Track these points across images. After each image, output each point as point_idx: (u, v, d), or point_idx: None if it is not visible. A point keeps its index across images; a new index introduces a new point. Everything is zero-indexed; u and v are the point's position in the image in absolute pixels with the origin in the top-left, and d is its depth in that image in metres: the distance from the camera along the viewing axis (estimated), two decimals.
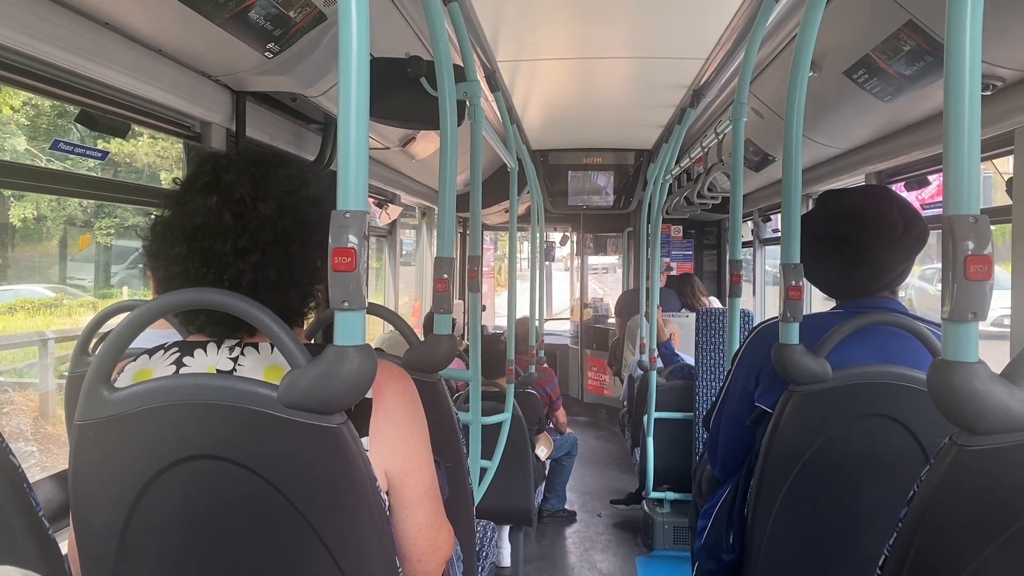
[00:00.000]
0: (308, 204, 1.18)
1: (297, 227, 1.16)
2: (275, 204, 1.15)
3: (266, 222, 1.14)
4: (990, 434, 0.88)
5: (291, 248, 1.15)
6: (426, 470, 1.22)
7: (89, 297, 9.43)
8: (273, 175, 1.18)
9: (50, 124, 7.66)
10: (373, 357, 1.00)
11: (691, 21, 3.01)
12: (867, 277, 1.69)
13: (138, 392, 1.04)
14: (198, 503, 1.06)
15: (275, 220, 1.14)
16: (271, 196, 1.15)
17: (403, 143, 3.83)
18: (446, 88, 1.97)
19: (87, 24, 1.79)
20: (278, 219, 1.14)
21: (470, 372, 2.59)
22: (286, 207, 1.16)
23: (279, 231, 1.14)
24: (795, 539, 1.62)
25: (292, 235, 1.15)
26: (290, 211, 1.16)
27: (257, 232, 1.13)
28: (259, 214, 1.14)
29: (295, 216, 1.16)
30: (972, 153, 0.88)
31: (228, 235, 1.12)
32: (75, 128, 1.95)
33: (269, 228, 1.14)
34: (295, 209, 1.16)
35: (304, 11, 2.11)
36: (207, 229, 1.13)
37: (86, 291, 9.70)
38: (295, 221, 1.16)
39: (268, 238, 1.13)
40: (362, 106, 0.98)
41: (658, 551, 4.19)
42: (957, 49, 0.88)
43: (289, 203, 1.16)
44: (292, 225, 1.15)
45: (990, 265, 0.86)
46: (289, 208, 1.16)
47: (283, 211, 1.15)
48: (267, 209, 1.14)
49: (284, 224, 1.15)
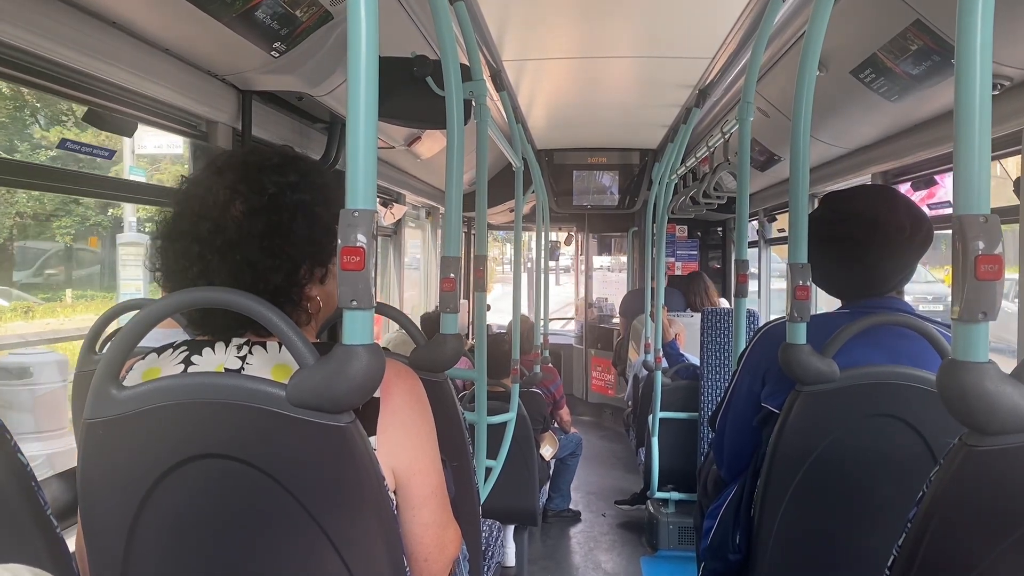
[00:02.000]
0: (290, 209, 1.17)
1: (272, 229, 1.14)
2: (248, 206, 1.14)
3: (237, 224, 1.14)
4: (1000, 434, 0.88)
5: (260, 250, 1.14)
6: (433, 469, 1.22)
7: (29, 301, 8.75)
8: (265, 178, 1.17)
9: (7, 117, 7.23)
10: (381, 356, 1.00)
11: (697, 21, 3.01)
12: (876, 279, 1.69)
13: (147, 390, 1.04)
14: (206, 501, 1.06)
15: (248, 222, 1.14)
16: (249, 198, 1.15)
17: (408, 142, 3.84)
18: (453, 87, 1.97)
19: (94, 23, 1.80)
20: (251, 221, 1.14)
21: (475, 372, 2.59)
22: (258, 210, 1.14)
23: (251, 233, 1.13)
24: (802, 539, 1.61)
25: (263, 237, 1.14)
26: (264, 215, 1.14)
27: (229, 232, 1.13)
28: (231, 215, 1.14)
29: (271, 219, 1.15)
30: (983, 153, 0.88)
31: (203, 235, 1.13)
32: (37, 121, 1.95)
33: (238, 229, 1.13)
34: (274, 213, 1.15)
35: (310, 10, 2.11)
36: (182, 230, 1.15)
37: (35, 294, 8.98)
38: (269, 224, 1.14)
39: (237, 239, 1.13)
40: (370, 106, 0.98)
41: (663, 551, 4.18)
42: (968, 49, 0.87)
43: (269, 206, 1.15)
44: (267, 227, 1.14)
45: (1000, 265, 0.86)
46: (263, 211, 1.15)
47: (255, 214, 1.14)
48: (237, 211, 1.14)
49: (258, 226, 1.14)
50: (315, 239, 1.17)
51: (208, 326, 1.16)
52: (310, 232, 1.17)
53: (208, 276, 1.13)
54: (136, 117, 2.14)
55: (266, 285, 1.13)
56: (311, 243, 1.17)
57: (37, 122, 1.94)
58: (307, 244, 1.17)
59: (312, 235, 1.17)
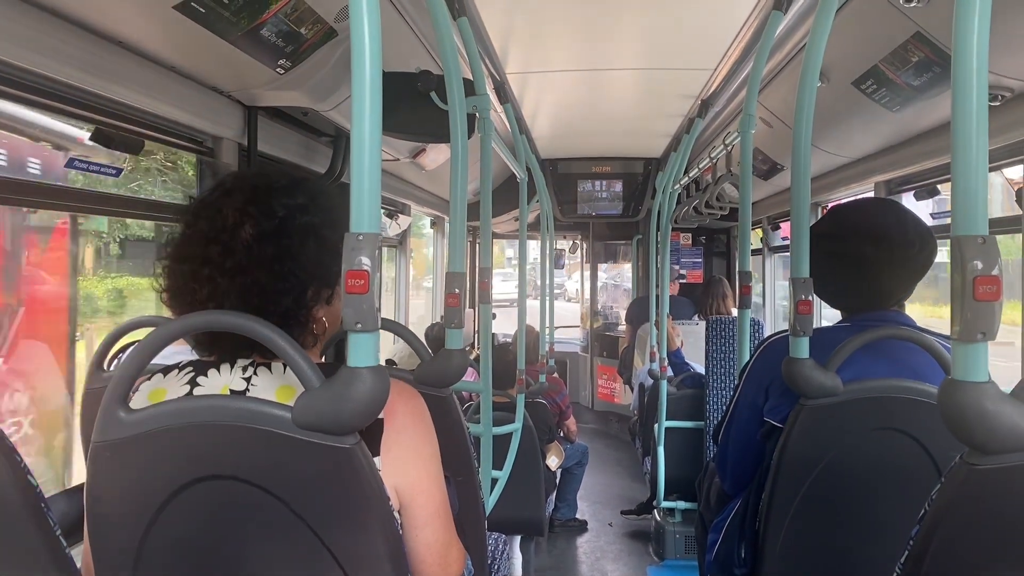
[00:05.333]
0: (300, 233, 1.18)
1: (282, 253, 1.15)
2: (259, 230, 1.16)
3: (246, 247, 1.15)
4: (1001, 453, 0.88)
5: (270, 273, 1.15)
6: (436, 489, 1.23)
7: None
8: (275, 200, 1.18)
9: None
10: (386, 378, 1.01)
11: (699, 33, 3.02)
12: (881, 294, 1.69)
13: (154, 413, 1.05)
14: (213, 523, 1.07)
15: (258, 245, 1.15)
16: (259, 221, 1.16)
17: (413, 155, 3.85)
18: (456, 102, 1.98)
19: (101, 44, 1.82)
20: (261, 244, 1.15)
21: (481, 383, 2.60)
22: (269, 234, 1.16)
23: (261, 256, 1.15)
24: (807, 552, 1.61)
25: (273, 260, 1.15)
26: (275, 238, 1.16)
27: (238, 255, 1.14)
28: (241, 238, 1.15)
29: (281, 242, 1.16)
30: (980, 173, 0.88)
31: (212, 257, 1.14)
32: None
33: (248, 252, 1.14)
34: (284, 236, 1.16)
35: (315, 28, 2.13)
36: (192, 253, 1.16)
37: None
38: (279, 248, 1.15)
39: (247, 263, 1.14)
40: (375, 127, 0.98)
41: (669, 560, 4.18)
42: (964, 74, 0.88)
43: (279, 229, 1.16)
44: (277, 251, 1.15)
45: (999, 286, 0.86)
46: (273, 235, 1.16)
47: (265, 238, 1.15)
48: (247, 234, 1.15)
49: (268, 249, 1.15)
50: (323, 261, 1.18)
51: (216, 347, 1.17)
52: (318, 255, 1.18)
53: (216, 298, 1.14)
54: (143, 135, 2.15)
55: (275, 308, 1.14)
56: (319, 265, 1.18)
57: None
58: (315, 267, 1.18)
59: (320, 258, 1.18)
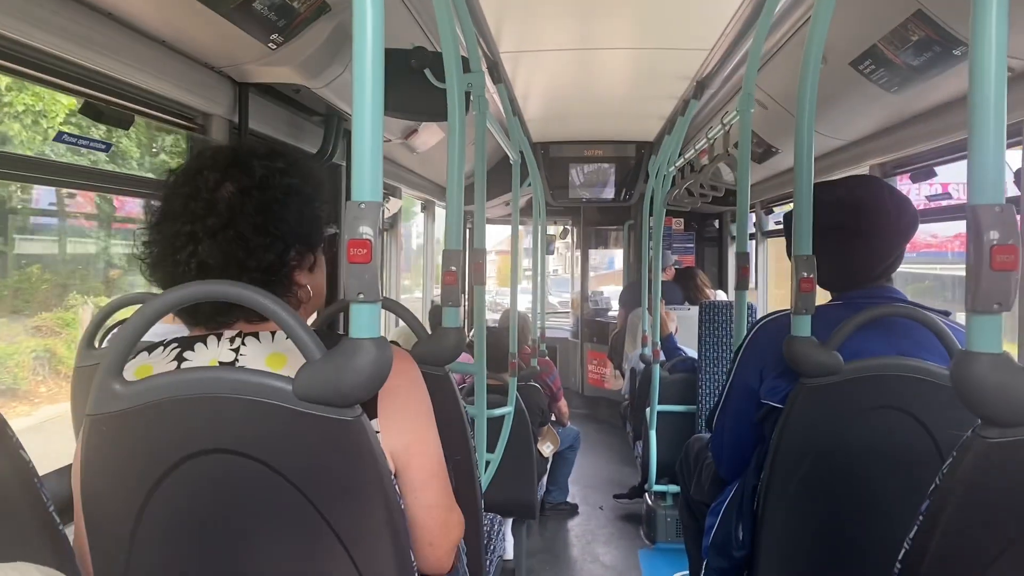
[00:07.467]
0: (282, 190, 1.18)
1: (263, 208, 1.15)
2: (240, 186, 1.16)
3: (229, 203, 1.14)
4: (1014, 426, 0.87)
5: (253, 227, 1.14)
6: (433, 450, 1.22)
7: None
8: (255, 162, 1.19)
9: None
10: (389, 350, 0.99)
11: (694, 11, 3.00)
12: (865, 266, 1.70)
13: (151, 385, 1.03)
14: (212, 497, 1.05)
15: (240, 200, 1.15)
16: (241, 180, 1.16)
17: (405, 135, 3.82)
18: (455, 79, 1.95)
19: (90, 15, 1.78)
20: (243, 199, 1.15)
21: (475, 365, 2.58)
22: (251, 189, 1.16)
23: (243, 209, 1.14)
24: (807, 533, 1.61)
25: (256, 213, 1.15)
26: (258, 193, 1.16)
27: (220, 210, 1.14)
28: (222, 195, 1.15)
29: (263, 197, 1.16)
30: (997, 142, 0.87)
31: (196, 213, 1.14)
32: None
33: (230, 208, 1.14)
34: (266, 191, 1.16)
35: (308, 1, 2.09)
36: (173, 213, 1.16)
37: None
38: (262, 203, 1.15)
39: (230, 217, 1.13)
40: (377, 97, 0.97)
41: (660, 544, 4.19)
42: (983, 37, 0.87)
43: (261, 185, 1.16)
44: (258, 206, 1.15)
45: (1016, 255, 0.85)
46: (256, 190, 1.16)
47: (247, 193, 1.15)
48: (228, 191, 1.15)
49: (249, 204, 1.15)
50: (304, 222, 1.19)
51: (196, 315, 1.16)
52: (300, 215, 1.19)
53: (198, 256, 1.13)
54: (133, 110, 2.11)
55: (258, 263, 1.14)
56: (301, 225, 1.19)
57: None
58: (298, 225, 1.18)
59: (302, 218, 1.19)
